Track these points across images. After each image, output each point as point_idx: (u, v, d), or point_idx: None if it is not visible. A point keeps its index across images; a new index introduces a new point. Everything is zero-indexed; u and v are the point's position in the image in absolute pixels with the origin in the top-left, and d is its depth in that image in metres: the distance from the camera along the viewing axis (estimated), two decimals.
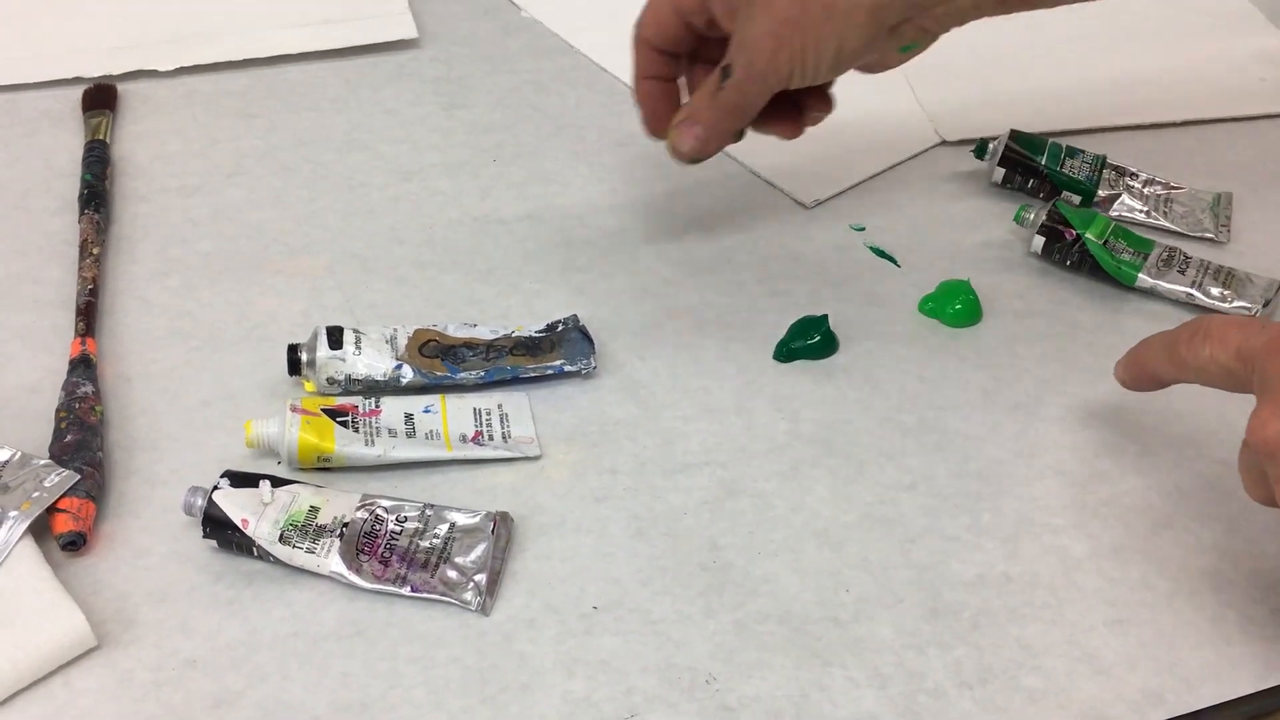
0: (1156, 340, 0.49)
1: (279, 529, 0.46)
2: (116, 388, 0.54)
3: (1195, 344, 0.46)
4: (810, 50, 0.51)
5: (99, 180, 0.63)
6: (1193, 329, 0.47)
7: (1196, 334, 0.46)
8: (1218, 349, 0.45)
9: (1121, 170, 0.67)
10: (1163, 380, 0.50)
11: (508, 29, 0.79)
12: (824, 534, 0.50)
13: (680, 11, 0.54)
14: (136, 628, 0.45)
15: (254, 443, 0.50)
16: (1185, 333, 0.47)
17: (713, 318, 0.59)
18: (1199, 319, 0.47)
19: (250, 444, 0.50)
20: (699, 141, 0.55)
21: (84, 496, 0.47)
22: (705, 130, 0.54)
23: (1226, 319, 0.46)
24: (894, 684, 0.44)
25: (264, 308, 0.59)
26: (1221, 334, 0.45)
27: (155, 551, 0.48)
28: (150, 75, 0.72)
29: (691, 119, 0.55)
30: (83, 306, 0.56)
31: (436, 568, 0.47)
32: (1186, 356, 0.46)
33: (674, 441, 0.53)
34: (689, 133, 0.55)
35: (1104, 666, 0.45)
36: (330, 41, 0.76)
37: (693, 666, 0.45)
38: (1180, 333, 0.47)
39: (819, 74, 0.52)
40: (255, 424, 0.50)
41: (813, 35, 0.50)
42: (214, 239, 0.62)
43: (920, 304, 0.60)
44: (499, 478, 0.51)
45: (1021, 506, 0.51)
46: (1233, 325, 0.45)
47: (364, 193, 0.66)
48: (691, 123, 0.55)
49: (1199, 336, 0.46)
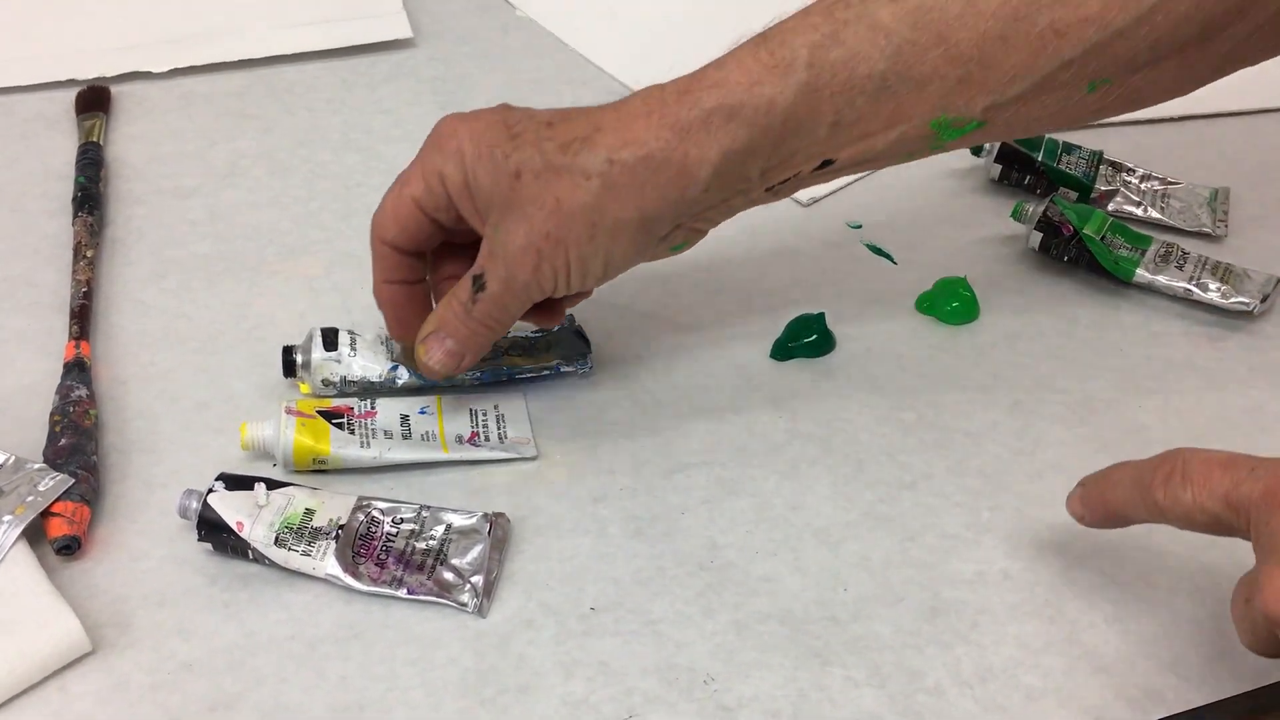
0: (1122, 476, 0.44)
1: (274, 532, 0.46)
2: (112, 391, 0.54)
3: (1173, 488, 0.41)
4: (575, 265, 0.47)
5: (93, 183, 0.63)
6: (1167, 469, 0.42)
7: (1173, 475, 0.41)
8: (1203, 495, 0.40)
9: (1119, 165, 0.67)
10: (1132, 522, 0.44)
11: (504, 27, 0.79)
12: (823, 533, 0.50)
13: (425, 209, 0.49)
14: (132, 631, 0.45)
15: (249, 445, 0.50)
16: (1159, 473, 0.42)
17: (710, 317, 0.59)
18: (1169, 454, 0.42)
19: (245, 446, 0.50)
20: (453, 358, 0.49)
21: (78, 500, 0.47)
22: (458, 345, 0.49)
23: (1205, 457, 0.41)
24: (893, 683, 0.44)
25: (261, 309, 0.58)
26: (1204, 477, 0.41)
27: (151, 555, 0.47)
28: (145, 77, 0.72)
29: (442, 332, 0.49)
30: (77, 309, 0.56)
31: (433, 569, 0.46)
32: (1164, 503, 0.41)
33: (672, 441, 0.53)
34: (439, 347, 0.49)
35: (1104, 664, 0.45)
36: (326, 41, 0.76)
37: (691, 667, 0.45)
38: (1152, 472, 0.42)
39: (585, 284, 0.49)
40: (250, 426, 0.50)
41: (575, 252, 0.46)
42: (210, 240, 0.62)
43: (918, 301, 0.60)
44: (495, 479, 0.51)
45: (1021, 504, 0.51)
46: (1216, 466, 0.41)
47: (361, 193, 0.66)
48: (442, 336, 0.49)
49: (1176, 478, 0.41)
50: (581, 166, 0.45)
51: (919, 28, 0.45)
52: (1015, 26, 0.45)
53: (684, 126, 0.45)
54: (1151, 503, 0.42)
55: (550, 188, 0.46)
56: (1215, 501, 0.40)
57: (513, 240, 0.47)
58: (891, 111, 0.46)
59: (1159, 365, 0.58)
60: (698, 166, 0.46)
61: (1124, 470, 0.44)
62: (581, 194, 0.46)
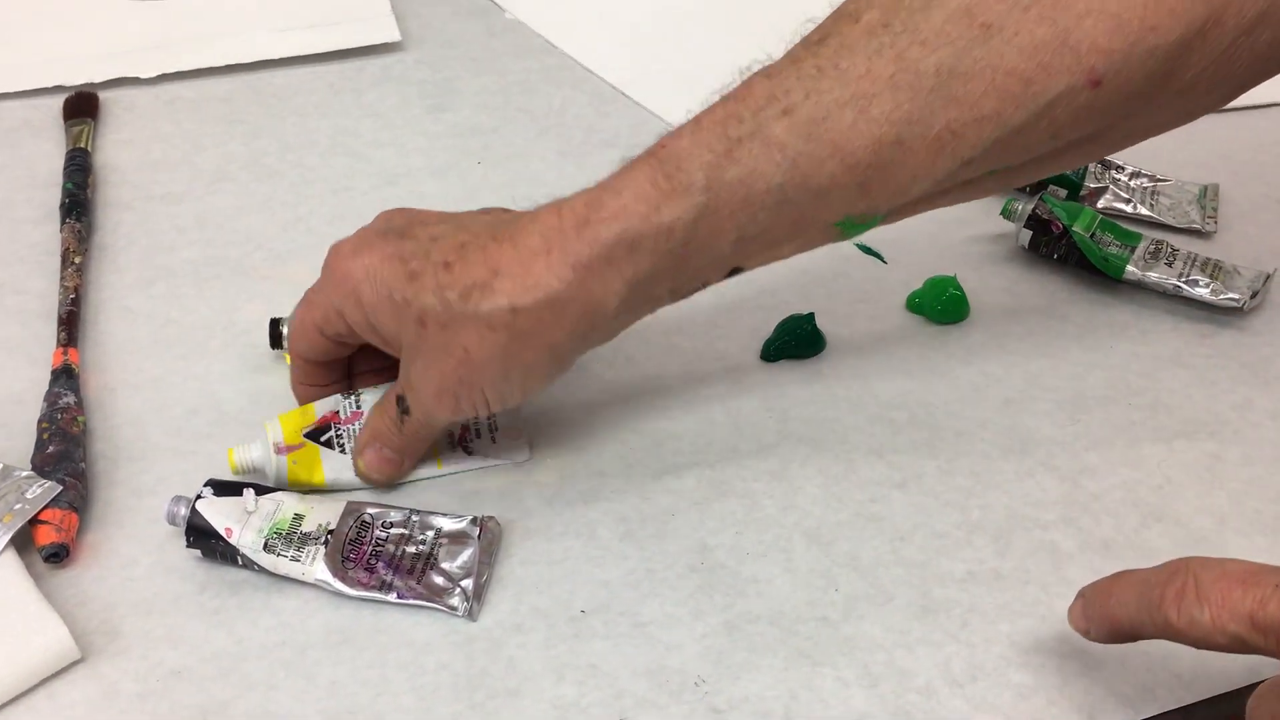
0: (1126, 592, 0.41)
1: (263, 537, 0.46)
2: (101, 398, 0.54)
3: (1187, 607, 0.38)
4: (492, 398, 0.47)
5: (80, 189, 0.63)
6: (1178, 585, 0.38)
7: (1185, 592, 0.38)
8: (1223, 617, 0.37)
9: (1108, 163, 0.67)
10: (1142, 638, 0.41)
11: (492, 30, 0.79)
12: (814, 533, 0.49)
13: (328, 336, 0.49)
14: (121, 639, 0.45)
15: (239, 470, 0.49)
16: (1169, 590, 0.38)
17: (699, 317, 0.59)
18: (1177, 567, 0.39)
19: (236, 471, 0.49)
20: (393, 466, 0.50)
21: (66, 508, 0.47)
22: (397, 454, 0.49)
23: (1218, 572, 0.38)
24: (884, 683, 0.44)
25: (250, 314, 0.58)
26: (1222, 595, 0.37)
27: (140, 562, 0.47)
28: (132, 83, 0.72)
29: (379, 442, 0.49)
30: (65, 316, 0.56)
31: (423, 574, 0.46)
32: (1178, 624, 0.38)
33: (662, 443, 0.53)
34: (378, 457, 0.49)
35: (1095, 662, 0.45)
36: (314, 46, 0.76)
37: (682, 669, 0.45)
38: (1161, 588, 0.39)
39: (506, 405, 0.48)
40: (237, 452, 0.49)
41: (491, 390, 0.47)
42: (199, 246, 0.62)
43: (907, 300, 0.60)
44: (485, 482, 0.51)
45: (1011, 502, 0.51)
46: (1234, 583, 0.37)
47: (349, 197, 0.66)
48: (380, 446, 0.49)
49: (1190, 596, 0.38)
50: (485, 317, 0.44)
51: (812, 139, 0.44)
52: (910, 130, 0.44)
53: (586, 264, 0.44)
54: (1163, 622, 0.39)
55: (457, 338, 0.45)
56: (1239, 624, 0.37)
57: (427, 383, 0.47)
58: (794, 220, 0.46)
59: (1149, 362, 0.58)
60: (604, 300, 0.45)
61: (1128, 585, 0.41)
62: (489, 345, 0.45)
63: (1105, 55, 0.43)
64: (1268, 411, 0.55)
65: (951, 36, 0.44)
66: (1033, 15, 0.43)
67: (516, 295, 0.44)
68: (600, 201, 0.45)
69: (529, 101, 0.73)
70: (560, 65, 0.76)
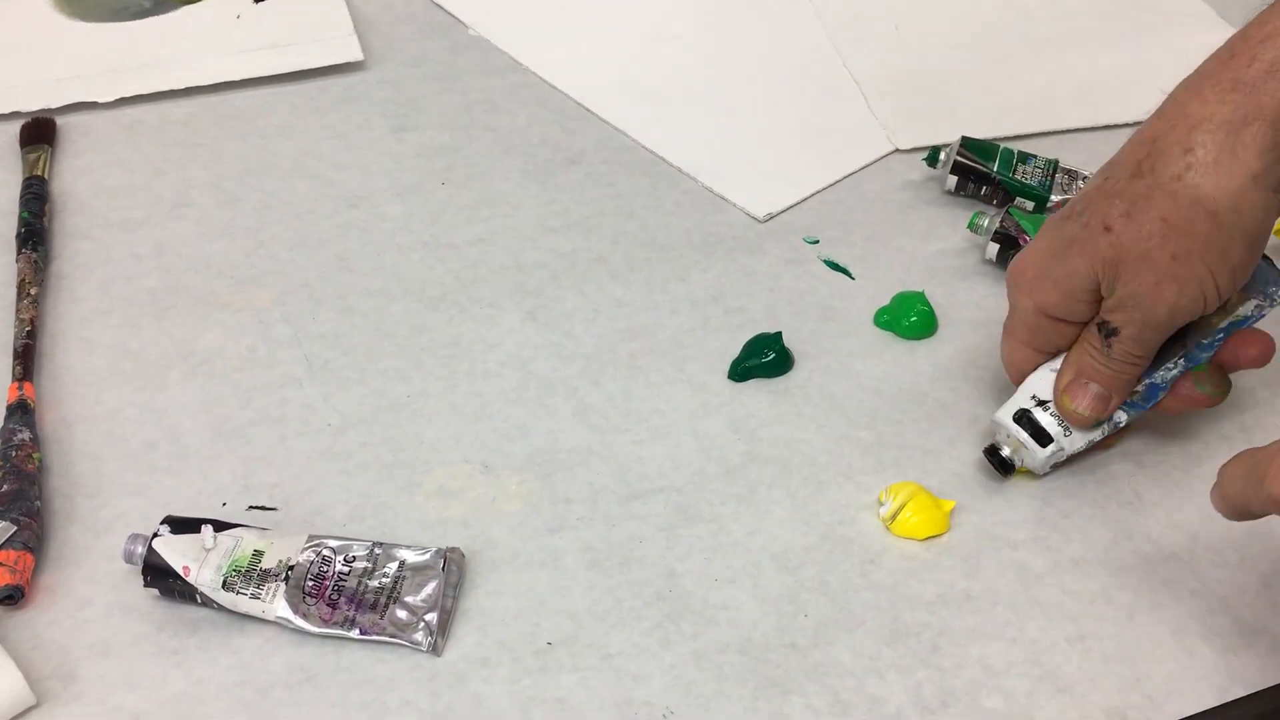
0: (1237, 467, 0.42)
1: (222, 575, 0.45)
2: (57, 432, 0.53)
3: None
4: (1219, 268, 0.46)
5: (37, 218, 0.62)
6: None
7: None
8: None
9: (1074, 174, 0.67)
10: (1257, 515, 0.42)
11: (456, 48, 0.78)
12: (782, 557, 0.49)
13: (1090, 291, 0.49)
14: (78, 683, 0.44)
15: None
16: (1273, 465, 0.40)
17: (666, 338, 0.59)
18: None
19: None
20: (1101, 402, 0.49)
21: (21, 548, 0.46)
22: (1104, 387, 0.49)
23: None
24: (854, 711, 0.44)
25: (210, 344, 0.57)
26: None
27: (97, 602, 0.46)
28: (90, 107, 0.71)
29: (1084, 378, 0.49)
30: (20, 349, 0.55)
31: (386, 608, 0.46)
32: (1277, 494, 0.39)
33: (629, 467, 0.52)
34: (1085, 393, 0.49)
35: (1066, 684, 0.45)
36: (275, 67, 0.75)
37: (650, 701, 0.44)
38: (1266, 463, 0.40)
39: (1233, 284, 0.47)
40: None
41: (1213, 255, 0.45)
42: (158, 274, 0.61)
43: (876, 317, 0.60)
44: (450, 511, 0.50)
45: (981, 521, 0.51)
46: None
47: (312, 220, 0.65)
48: (1086, 381, 0.49)
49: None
50: (1163, 177, 0.45)
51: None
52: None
53: (1249, 83, 0.44)
54: (1266, 496, 0.40)
55: (1147, 215, 0.45)
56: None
57: (1141, 283, 0.46)
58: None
59: None
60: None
61: (1239, 461, 0.42)
62: (1182, 197, 0.45)
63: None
64: (1237, 424, 0.55)
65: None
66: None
67: (1185, 141, 0.45)
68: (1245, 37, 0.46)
69: (493, 119, 0.72)
70: (525, 82, 0.75)
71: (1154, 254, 0.46)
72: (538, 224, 0.65)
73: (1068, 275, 0.48)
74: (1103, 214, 0.47)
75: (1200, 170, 0.45)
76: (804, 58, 0.76)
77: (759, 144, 0.70)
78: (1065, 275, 0.48)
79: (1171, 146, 0.45)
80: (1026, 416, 0.51)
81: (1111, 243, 0.46)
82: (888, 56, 0.77)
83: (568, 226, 0.65)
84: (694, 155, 0.69)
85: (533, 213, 0.66)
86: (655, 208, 0.66)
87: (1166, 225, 0.45)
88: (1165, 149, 0.46)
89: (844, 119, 0.72)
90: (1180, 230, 0.45)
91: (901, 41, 0.78)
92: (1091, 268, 0.47)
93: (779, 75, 0.75)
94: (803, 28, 0.79)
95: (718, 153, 0.69)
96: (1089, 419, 0.50)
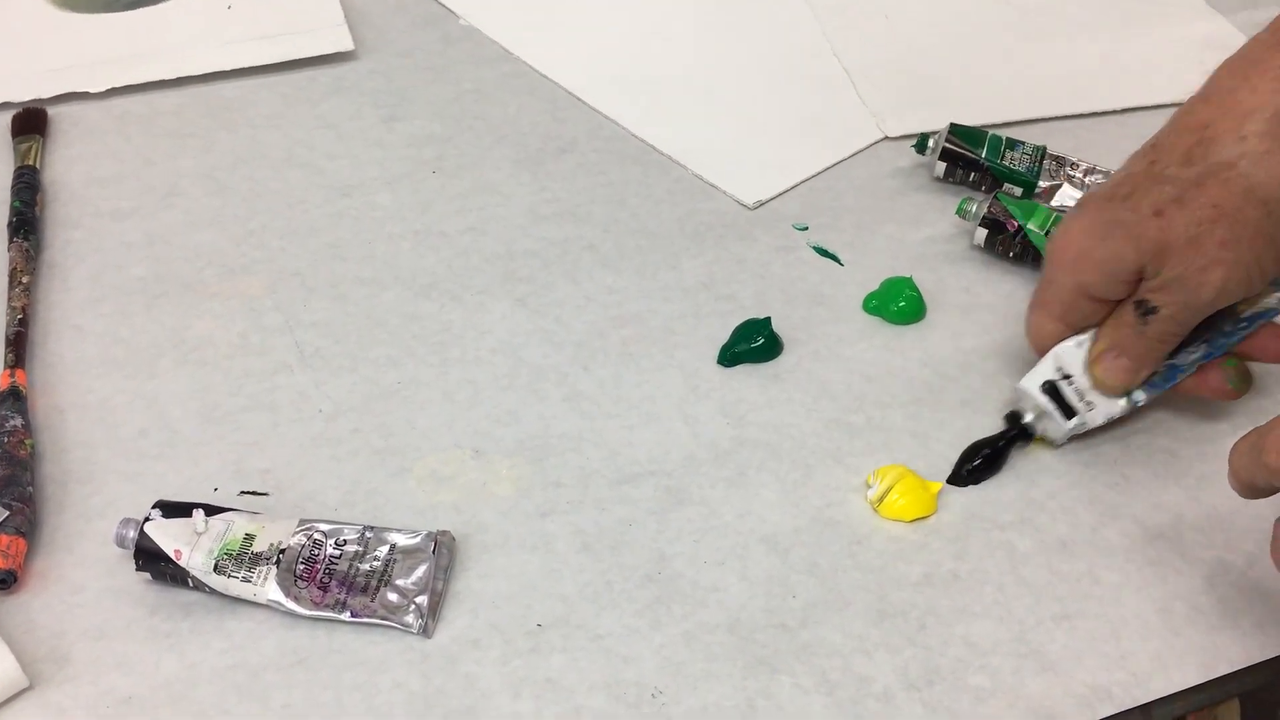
0: (1244, 443, 0.43)
1: (213, 559, 0.45)
2: (49, 419, 0.53)
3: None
4: (1266, 253, 0.47)
5: (28, 207, 0.62)
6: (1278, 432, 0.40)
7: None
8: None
9: (1062, 160, 0.67)
10: (1263, 490, 0.42)
11: (447, 38, 0.78)
12: (771, 539, 0.49)
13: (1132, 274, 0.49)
14: (71, 666, 0.44)
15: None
16: (1270, 438, 0.41)
17: (657, 324, 0.59)
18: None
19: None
20: (1130, 374, 0.51)
21: (14, 533, 0.46)
22: (1135, 361, 0.50)
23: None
24: (842, 689, 0.44)
25: (201, 331, 0.58)
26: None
27: (90, 587, 0.47)
28: (81, 98, 0.71)
29: (1117, 351, 0.51)
30: (12, 337, 0.55)
31: (377, 591, 0.46)
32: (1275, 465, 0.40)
33: (619, 452, 0.53)
34: (1117, 365, 0.51)
35: (1051, 663, 0.45)
36: (266, 57, 0.75)
37: (639, 681, 0.44)
38: (1264, 436, 0.41)
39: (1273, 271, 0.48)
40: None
41: (1262, 240, 0.46)
42: (149, 263, 0.61)
43: (864, 302, 0.60)
44: (441, 496, 0.51)
45: (969, 503, 0.51)
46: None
47: (303, 210, 0.65)
48: (1118, 353, 0.51)
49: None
50: (1216, 164, 0.46)
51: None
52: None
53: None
54: (1265, 467, 0.41)
55: (1198, 201, 0.46)
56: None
57: (1189, 267, 0.47)
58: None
59: None
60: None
61: (1246, 439, 0.43)
62: (1235, 185, 0.46)
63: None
64: (1221, 407, 0.55)
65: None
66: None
67: (1237, 129, 0.46)
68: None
69: (484, 109, 0.72)
70: (516, 72, 0.75)
71: (1203, 239, 0.47)
72: (529, 212, 0.65)
73: (1112, 257, 0.49)
74: (1153, 199, 0.48)
75: (1252, 159, 0.46)
76: (794, 46, 0.77)
77: (749, 132, 0.71)
78: (1109, 257, 0.49)
79: (1224, 135, 0.46)
80: (1053, 388, 0.51)
81: (1161, 227, 0.47)
82: (877, 44, 0.77)
83: (559, 215, 0.65)
84: (684, 143, 0.69)
85: (524, 201, 0.66)
86: (646, 196, 0.66)
87: (1218, 212, 0.46)
88: (1217, 136, 0.47)
89: (833, 107, 0.72)
90: (1231, 217, 0.46)
91: (891, 29, 0.78)
92: (1139, 252, 0.48)
93: (769, 63, 0.75)
94: (793, 16, 0.79)
95: (708, 141, 0.70)
96: (1118, 389, 0.51)
